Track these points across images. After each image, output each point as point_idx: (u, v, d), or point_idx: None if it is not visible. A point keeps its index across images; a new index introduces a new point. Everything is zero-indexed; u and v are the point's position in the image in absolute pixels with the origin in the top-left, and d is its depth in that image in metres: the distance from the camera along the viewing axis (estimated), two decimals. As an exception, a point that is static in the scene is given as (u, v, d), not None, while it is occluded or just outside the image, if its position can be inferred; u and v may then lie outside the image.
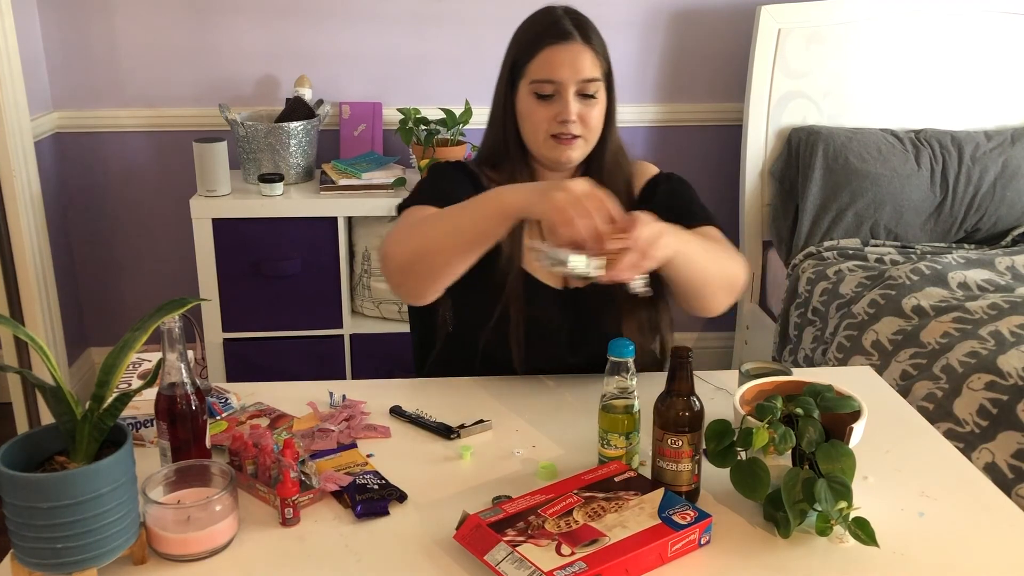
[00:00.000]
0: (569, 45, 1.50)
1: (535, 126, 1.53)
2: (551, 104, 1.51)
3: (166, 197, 3.07)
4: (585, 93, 1.51)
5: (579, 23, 1.53)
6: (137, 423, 1.35)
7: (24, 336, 1.07)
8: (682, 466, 1.20)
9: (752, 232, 3.14)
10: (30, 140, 2.71)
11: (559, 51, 1.49)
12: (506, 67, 1.57)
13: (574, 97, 1.50)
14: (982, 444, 1.88)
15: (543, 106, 1.51)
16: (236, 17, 2.96)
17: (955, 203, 2.92)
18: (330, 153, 3.05)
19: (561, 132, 1.51)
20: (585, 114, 1.51)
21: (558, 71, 1.49)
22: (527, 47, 1.53)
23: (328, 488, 1.24)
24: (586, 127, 1.52)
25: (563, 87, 1.50)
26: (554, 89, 1.50)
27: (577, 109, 1.50)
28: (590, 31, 1.53)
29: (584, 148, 1.55)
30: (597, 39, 1.54)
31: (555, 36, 1.50)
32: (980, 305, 2.27)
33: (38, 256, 2.74)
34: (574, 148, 1.53)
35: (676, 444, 1.19)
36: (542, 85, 1.50)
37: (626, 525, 1.11)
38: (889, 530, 1.15)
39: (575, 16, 1.54)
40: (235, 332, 2.80)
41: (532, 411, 1.48)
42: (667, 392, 1.21)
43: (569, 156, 1.53)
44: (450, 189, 1.54)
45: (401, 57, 3.02)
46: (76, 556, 1.02)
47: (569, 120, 1.50)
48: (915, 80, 3.05)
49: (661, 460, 1.21)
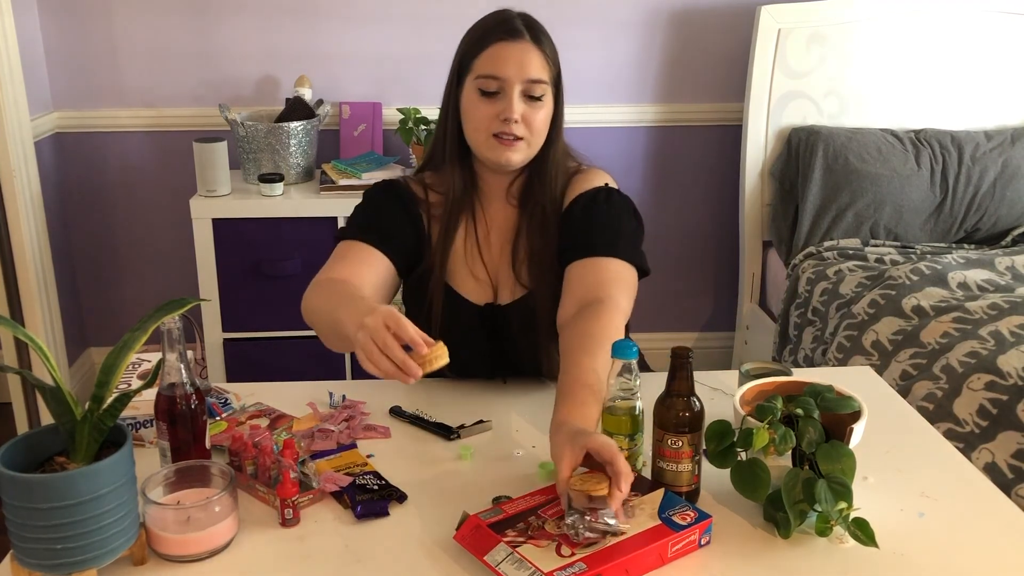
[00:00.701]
0: (518, 43, 1.48)
1: (477, 124, 1.49)
2: (495, 102, 1.48)
3: (166, 197, 3.07)
4: (531, 95, 1.48)
5: (530, 24, 1.51)
6: (137, 423, 1.35)
7: (24, 336, 1.08)
8: (682, 466, 1.20)
9: (752, 232, 3.14)
10: (30, 140, 2.71)
11: (507, 48, 1.48)
12: (454, 64, 1.55)
13: (519, 97, 1.47)
14: (982, 444, 1.88)
15: (487, 103, 1.48)
16: (236, 17, 2.96)
17: (955, 203, 2.91)
18: (330, 153, 3.05)
19: (503, 132, 1.48)
20: (529, 116, 1.48)
21: (504, 67, 1.47)
22: (476, 43, 1.51)
23: (328, 488, 1.24)
24: (529, 130, 1.49)
25: (508, 85, 1.47)
26: (499, 86, 1.47)
27: (521, 110, 1.47)
28: (541, 34, 1.51)
29: (526, 152, 1.51)
30: (548, 42, 1.51)
31: (504, 33, 1.49)
32: (980, 305, 2.27)
33: (38, 256, 2.74)
34: (515, 150, 1.49)
35: (676, 444, 1.19)
36: (487, 81, 1.48)
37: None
38: (889, 530, 1.15)
39: (527, 18, 1.53)
40: (235, 332, 2.80)
41: (532, 411, 1.48)
42: (667, 393, 1.21)
43: (509, 158, 1.50)
44: (376, 218, 1.54)
45: (401, 57, 3.02)
46: (76, 556, 1.02)
47: (511, 119, 1.46)
48: (915, 80, 3.05)
49: (661, 460, 1.21)
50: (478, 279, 1.57)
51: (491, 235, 1.59)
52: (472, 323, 1.55)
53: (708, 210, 3.28)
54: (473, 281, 1.57)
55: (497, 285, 1.57)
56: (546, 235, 1.53)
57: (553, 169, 1.55)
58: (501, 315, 1.55)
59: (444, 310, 1.54)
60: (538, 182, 1.55)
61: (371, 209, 1.58)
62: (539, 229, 1.54)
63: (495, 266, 1.58)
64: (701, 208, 3.28)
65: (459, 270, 1.57)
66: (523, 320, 1.53)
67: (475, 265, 1.57)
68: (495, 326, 1.56)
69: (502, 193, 1.59)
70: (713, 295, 3.40)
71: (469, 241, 1.57)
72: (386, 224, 1.54)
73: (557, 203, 1.55)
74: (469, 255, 1.57)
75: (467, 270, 1.57)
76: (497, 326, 1.56)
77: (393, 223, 1.55)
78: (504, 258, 1.57)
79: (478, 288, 1.57)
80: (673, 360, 1.20)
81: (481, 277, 1.57)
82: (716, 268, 3.35)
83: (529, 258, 1.54)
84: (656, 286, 3.21)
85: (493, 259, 1.58)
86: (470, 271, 1.57)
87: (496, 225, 1.59)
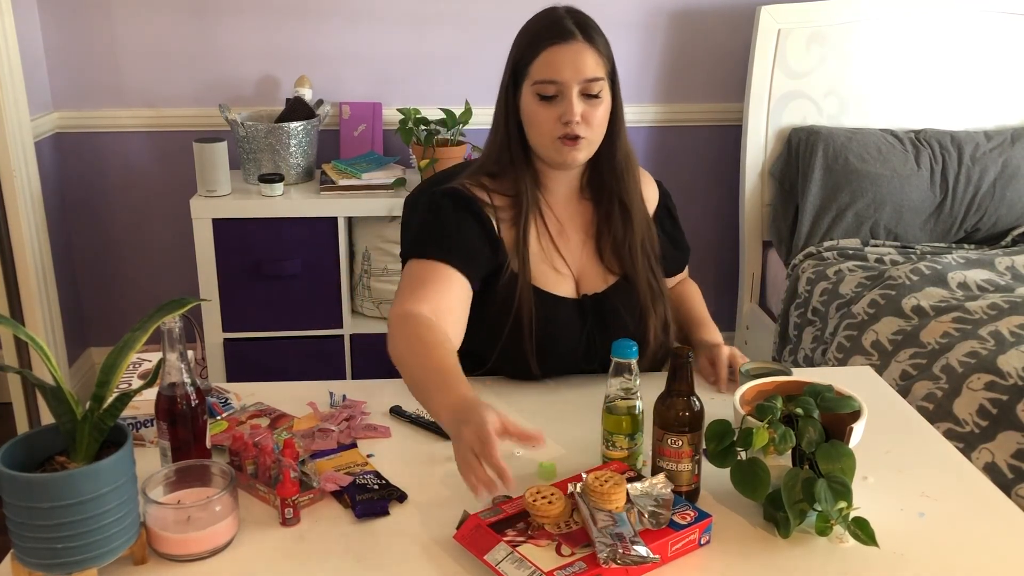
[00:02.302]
0: (571, 45, 1.48)
1: (539, 128, 1.51)
2: (554, 105, 1.49)
3: (166, 197, 3.07)
4: (589, 93, 1.49)
5: (581, 22, 1.51)
6: (137, 423, 1.35)
7: (24, 336, 1.08)
8: (682, 466, 1.20)
9: (752, 232, 3.14)
10: (30, 140, 2.71)
11: (561, 51, 1.48)
12: (508, 69, 1.55)
13: (577, 97, 1.48)
14: (982, 444, 1.88)
15: (546, 107, 1.49)
16: (236, 17, 2.96)
17: (955, 203, 2.92)
18: (330, 153, 3.05)
19: (565, 133, 1.49)
20: (589, 114, 1.49)
21: (560, 71, 1.47)
22: (529, 48, 1.51)
23: (328, 488, 1.24)
24: (590, 127, 1.50)
25: (566, 87, 1.47)
26: (557, 90, 1.48)
27: (581, 109, 1.48)
28: (592, 30, 1.51)
29: (589, 149, 1.53)
30: (600, 38, 1.52)
31: (556, 36, 1.49)
32: (980, 305, 2.27)
33: (38, 256, 2.74)
34: (579, 149, 1.51)
35: (676, 444, 1.19)
36: (545, 86, 1.48)
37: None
38: (889, 530, 1.15)
39: (577, 16, 1.53)
40: (235, 332, 2.80)
41: (533, 411, 1.48)
42: (667, 392, 1.21)
43: (575, 158, 1.52)
44: (451, 233, 1.50)
45: (401, 57, 3.02)
46: (76, 556, 1.02)
47: (572, 121, 1.48)
48: (915, 80, 3.05)
49: (661, 460, 1.21)
50: (560, 273, 1.59)
51: (566, 230, 1.61)
52: (570, 316, 1.57)
53: (708, 210, 3.28)
54: (555, 275, 1.59)
55: (580, 278, 1.60)
56: (632, 223, 1.59)
57: (624, 160, 1.58)
58: (600, 302, 1.59)
59: (537, 310, 1.54)
60: (609, 175, 1.58)
61: (444, 223, 1.53)
62: (622, 218, 1.59)
63: (576, 259, 1.61)
64: (701, 208, 3.28)
65: (540, 268, 1.58)
66: (624, 302, 1.59)
67: (555, 261, 1.59)
68: (596, 314, 1.59)
69: (571, 189, 1.62)
70: (713, 295, 3.40)
71: (544, 239, 1.59)
72: (462, 239, 1.51)
73: (639, 196, 1.62)
74: (547, 252, 1.59)
75: (548, 266, 1.58)
76: (598, 313, 1.59)
77: (467, 237, 1.52)
78: (587, 251, 1.61)
79: (561, 282, 1.59)
80: (673, 360, 1.20)
81: (563, 271, 1.59)
82: (716, 268, 3.35)
83: (615, 248, 1.59)
84: (656, 286, 3.21)
85: (573, 253, 1.61)
86: (552, 267, 1.59)
87: (569, 220, 1.62)
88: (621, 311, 1.58)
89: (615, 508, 1.11)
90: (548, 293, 1.56)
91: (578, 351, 1.58)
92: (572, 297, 1.59)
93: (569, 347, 1.57)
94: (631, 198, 1.58)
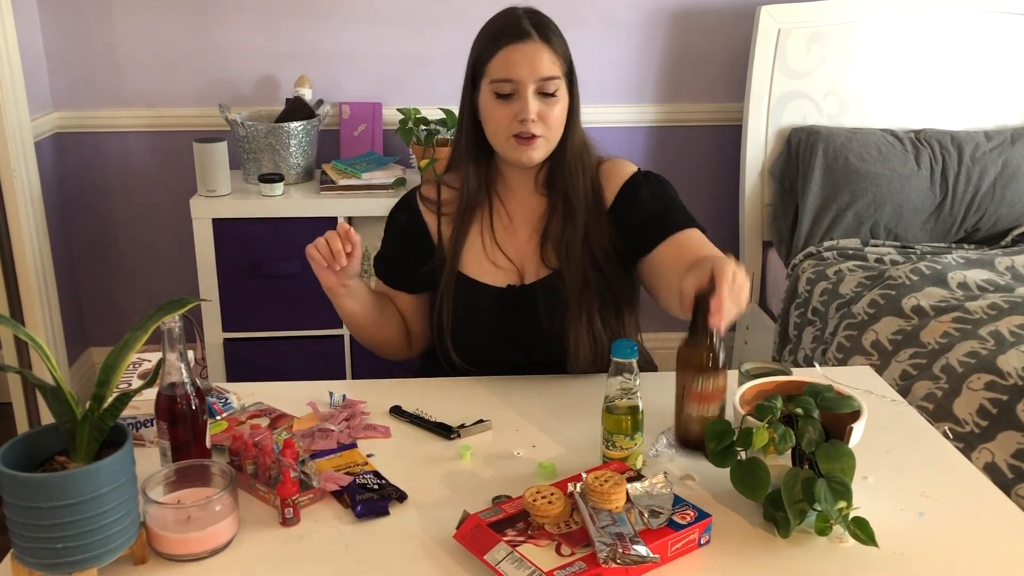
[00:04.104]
0: (526, 44, 1.51)
1: (496, 126, 1.55)
2: (511, 104, 1.52)
3: (166, 197, 3.07)
4: (545, 92, 1.52)
5: (538, 22, 1.54)
6: (137, 423, 1.35)
7: (24, 336, 1.08)
8: (712, 409, 1.24)
9: (752, 232, 3.14)
10: (30, 140, 2.71)
11: (517, 50, 1.51)
12: (468, 69, 1.59)
13: (533, 96, 1.51)
14: (982, 444, 1.88)
15: (503, 106, 1.53)
16: (236, 17, 2.96)
17: (955, 203, 2.92)
18: (330, 153, 3.05)
19: (521, 131, 1.52)
20: (545, 113, 1.52)
21: (516, 70, 1.51)
22: (486, 48, 1.54)
23: (328, 488, 1.24)
24: (546, 126, 1.53)
25: (522, 86, 1.51)
26: (513, 88, 1.52)
27: (537, 108, 1.51)
28: (549, 30, 1.54)
29: (546, 147, 1.56)
30: (557, 38, 1.55)
31: (513, 36, 1.52)
32: (980, 305, 2.27)
33: (38, 256, 2.74)
34: (535, 148, 1.54)
35: (708, 386, 1.23)
36: (501, 84, 1.52)
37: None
38: (889, 530, 1.15)
39: (534, 16, 1.55)
40: (235, 332, 2.80)
41: (532, 411, 1.48)
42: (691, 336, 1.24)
43: (531, 156, 1.55)
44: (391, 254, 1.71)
45: (401, 57, 3.02)
46: (76, 556, 1.02)
47: (528, 119, 1.51)
48: (915, 80, 3.05)
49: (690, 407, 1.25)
50: (500, 267, 1.62)
51: (515, 224, 1.64)
52: (491, 305, 1.60)
53: (708, 210, 3.28)
54: (494, 268, 1.62)
55: (523, 271, 1.62)
56: (574, 221, 1.58)
57: (573, 158, 1.60)
58: (526, 293, 1.60)
59: (458, 296, 1.60)
60: (559, 172, 1.60)
61: (387, 243, 1.72)
62: (564, 215, 1.59)
63: (520, 253, 1.63)
64: (701, 208, 3.25)
65: (476, 260, 1.62)
66: (549, 296, 1.58)
67: (495, 255, 1.63)
68: (518, 305, 1.60)
69: (528, 185, 1.64)
70: (713, 295, 3.39)
71: (486, 232, 1.63)
72: (400, 260, 1.69)
73: (588, 192, 1.60)
74: (488, 246, 1.63)
75: (486, 259, 1.62)
76: (521, 305, 1.60)
77: (403, 256, 1.69)
78: (531, 244, 1.63)
79: (499, 274, 1.62)
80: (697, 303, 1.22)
81: (503, 265, 1.62)
82: (716, 268, 3.34)
83: (555, 242, 1.59)
84: (656, 286, 3.21)
85: (519, 247, 1.63)
86: (490, 260, 1.62)
87: (521, 215, 1.65)
88: (540, 305, 1.58)
89: (615, 508, 1.11)
90: (474, 280, 1.61)
91: (495, 338, 1.61)
92: (499, 286, 1.61)
93: (484, 333, 1.60)
94: (576, 194, 1.59)
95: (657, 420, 1.38)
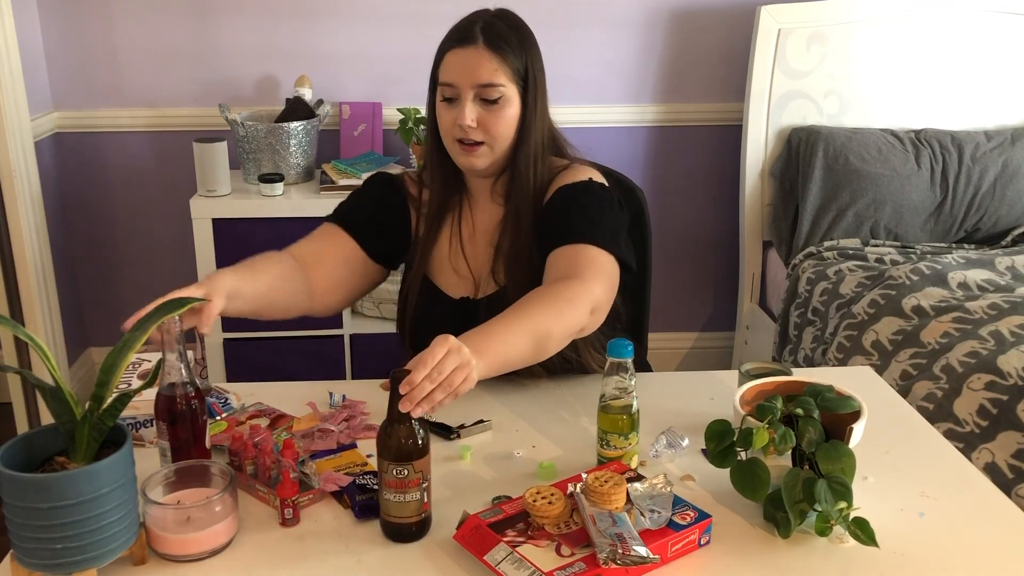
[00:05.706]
0: (467, 49, 1.48)
1: (443, 130, 1.53)
2: (453, 108, 1.50)
3: (166, 197, 3.07)
4: (486, 99, 1.48)
5: (489, 27, 1.49)
6: (137, 423, 1.35)
7: (24, 336, 1.08)
8: (409, 496, 1.12)
9: (752, 232, 3.14)
10: (30, 140, 2.71)
11: (458, 55, 1.49)
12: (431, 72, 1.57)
13: (472, 102, 1.48)
14: (982, 444, 1.88)
15: (447, 110, 1.51)
16: (236, 17, 2.96)
17: (955, 203, 2.91)
18: (330, 153, 3.05)
19: (463, 137, 1.50)
20: (487, 120, 1.48)
21: (454, 74, 1.49)
22: (439, 49, 1.54)
23: (328, 488, 1.24)
24: (488, 134, 1.49)
25: (461, 91, 1.48)
26: (453, 93, 1.49)
27: (475, 114, 1.48)
28: (501, 38, 1.49)
29: (490, 156, 1.52)
30: (509, 44, 1.49)
31: (457, 40, 1.50)
32: (980, 305, 2.27)
33: (38, 256, 2.74)
34: (477, 155, 1.51)
35: (401, 473, 1.11)
36: (444, 88, 1.51)
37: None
38: (889, 530, 1.15)
39: (490, 21, 1.51)
40: (235, 332, 2.80)
41: (532, 411, 1.48)
42: (388, 419, 1.12)
43: (472, 163, 1.52)
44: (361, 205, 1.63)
45: (401, 57, 3.02)
46: (76, 556, 1.02)
47: (464, 124, 1.48)
48: (915, 80, 3.05)
49: (387, 492, 1.13)
50: (460, 276, 1.61)
51: (476, 234, 1.62)
52: (446, 315, 1.59)
53: (708, 210, 3.28)
54: (456, 277, 1.61)
55: (479, 283, 1.61)
56: (520, 233, 1.54)
57: (526, 168, 1.54)
58: (472, 309, 1.58)
59: (420, 300, 1.60)
60: (510, 184, 1.56)
61: (360, 197, 1.66)
62: (513, 227, 1.55)
63: (479, 264, 1.61)
64: (701, 208, 3.27)
65: (442, 266, 1.62)
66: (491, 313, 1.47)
67: (458, 262, 1.61)
68: (467, 320, 1.53)
69: (487, 194, 1.61)
70: (713, 295, 3.40)
71: (454, 240, 1.62)
72: (369, 212, 1.62)
73: (536, 202, 1.55)
74: (453, 253, 1.61)
75: (450, 266, 1.61)
76: (468, 321, 1.53)
77: (377, 212, 1.62)
78: (487, 256, 1.60)
79: (460, 284, 1.61)
80: (393, 383, 1.11)
81: (464, 274, 1.61)
82: (716, 268, 3.35)
83: (505, 256, 1.56)
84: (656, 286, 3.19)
85: (478, 258, 1.61)
86: (453, 268, 1.61)
87: (482, 225, 1.62)
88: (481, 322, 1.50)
89: (615, 508, 1.11)
90: (436, 288, 1.61)
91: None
92: (455, 297, 1.60)
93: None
94: (526, 207, 1.54)
95: (656, 420, 1.38)
